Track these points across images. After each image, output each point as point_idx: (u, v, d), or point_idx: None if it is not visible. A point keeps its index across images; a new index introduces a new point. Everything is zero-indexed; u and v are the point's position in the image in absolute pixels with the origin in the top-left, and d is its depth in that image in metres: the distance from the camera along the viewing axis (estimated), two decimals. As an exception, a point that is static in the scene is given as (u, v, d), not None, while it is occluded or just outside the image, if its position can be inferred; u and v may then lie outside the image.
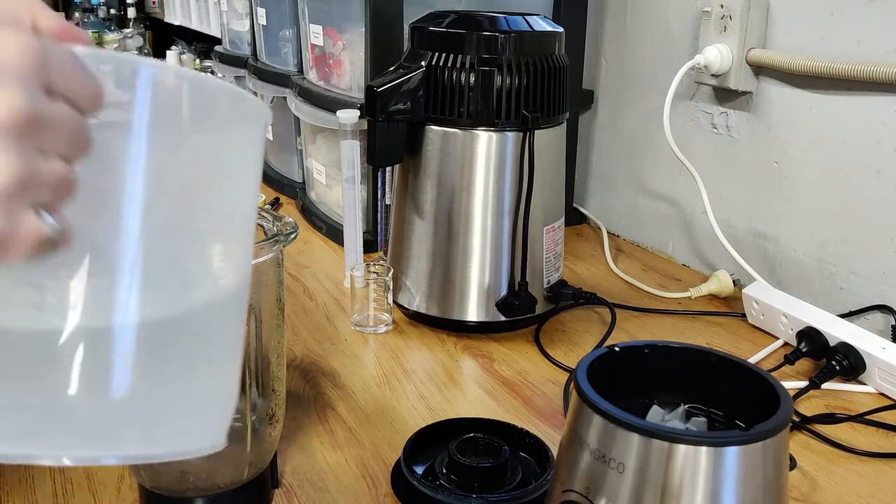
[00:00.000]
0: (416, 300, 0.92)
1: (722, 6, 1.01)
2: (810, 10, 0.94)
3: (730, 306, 1.02)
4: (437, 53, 0.85)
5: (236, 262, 0.42)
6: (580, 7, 1.20)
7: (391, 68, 0.88)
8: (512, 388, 0.81)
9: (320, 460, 0.68)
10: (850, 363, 0.80)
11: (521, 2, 1.16)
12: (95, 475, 0.65)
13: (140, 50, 2.89)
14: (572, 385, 0.47)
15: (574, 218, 1.31)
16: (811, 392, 0.80)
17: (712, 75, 1.04)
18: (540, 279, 0.92)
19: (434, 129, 0.87)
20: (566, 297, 0.94)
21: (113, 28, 3.20)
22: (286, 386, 0.79)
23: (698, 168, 1.08)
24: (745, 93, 1.04)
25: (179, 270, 0.39)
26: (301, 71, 1.37)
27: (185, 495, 0.58)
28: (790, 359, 0.83)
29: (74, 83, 0.34)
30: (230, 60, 1.68)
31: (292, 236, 0.59)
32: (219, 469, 0.58)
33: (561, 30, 0.89)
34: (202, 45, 2.56)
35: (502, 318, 0.89)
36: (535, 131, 0.85)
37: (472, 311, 0.90)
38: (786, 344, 0.90)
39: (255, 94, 1.59)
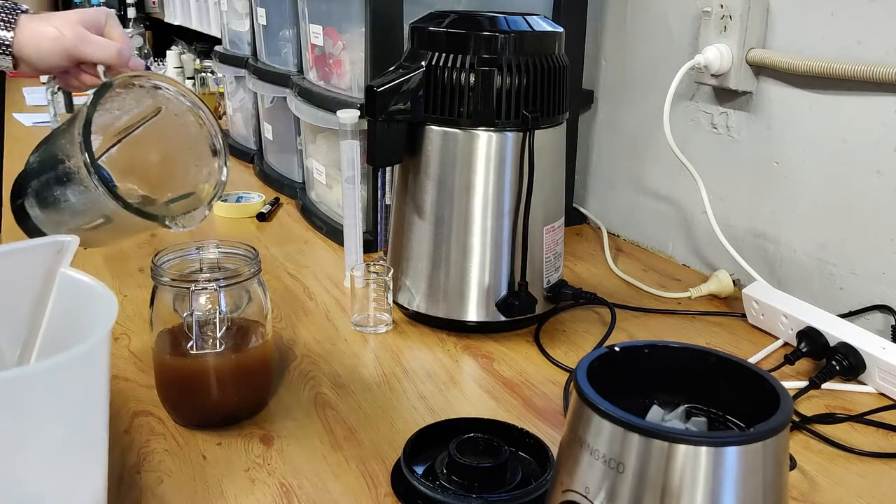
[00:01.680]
0: (416, 300, 0.92)
1: (722, 6, 1.01)
2: (810, 10, 0.94)
3: (730, 306, 1.02)
4: (437, 53, 0.85)
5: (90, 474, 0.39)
6: (580, 7, 1.20)
7: (391, 68, 0.88)
8: (512, 388, 0.81)
9: (320, 460, 0.68)
10: (850, 363, 0.80)
11: (521, 2, 1.16)
12: None
13: (140, 50, 2.89)
14: (572, 385, 0.47)
15: (574, 218, 1.31)
16: (811, 392, 0.80)
17: (712, 75, 1.04)
18: (540, 279, 0.92)
19: (434, 129, 0.87)
20: (566, 297, 0.94)
21: (113, 28, 3.20)
22: (287, 386, 0.80)
23: (698, 168, 1.08)
24: (745, 93, 1.04)
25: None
26: (301, 71, 1.37)
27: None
28: (790, 359, 0.83)
29: None
30: (230, 60, 1.68)
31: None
32: None
33: (561, 30, 0.89)
34: (202, 45, 2.57)
35: (502, 318, 0.89)
36: (535, 131, 0.85)
37: (472, 311, 0.90)
38: (786, 344, 0.90)
39: (255, 93, 1.59)
